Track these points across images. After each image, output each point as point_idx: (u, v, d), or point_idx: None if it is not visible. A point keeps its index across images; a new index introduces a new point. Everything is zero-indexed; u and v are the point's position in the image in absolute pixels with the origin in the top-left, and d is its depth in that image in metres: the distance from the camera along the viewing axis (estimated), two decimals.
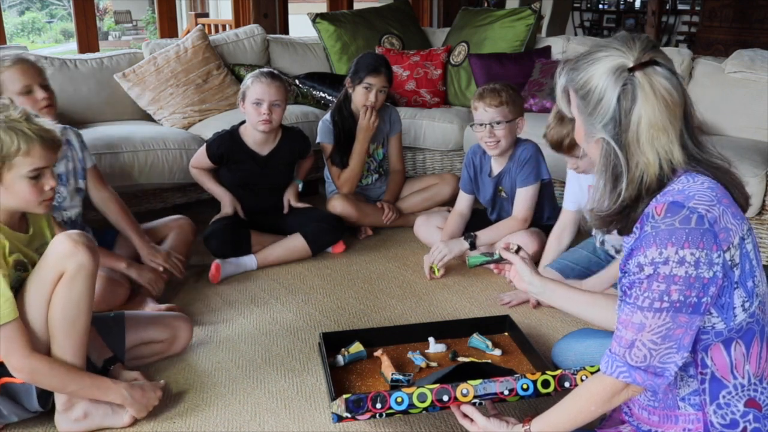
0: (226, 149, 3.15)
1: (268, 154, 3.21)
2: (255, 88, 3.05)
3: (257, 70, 3.16)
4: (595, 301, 1.74)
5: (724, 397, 1.33)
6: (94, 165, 2.76)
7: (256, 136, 3.16)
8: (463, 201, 3.17)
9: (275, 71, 3.24)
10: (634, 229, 1.35)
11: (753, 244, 1.33)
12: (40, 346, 1.80)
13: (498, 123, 2.85)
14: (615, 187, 1.36)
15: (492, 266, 1.98)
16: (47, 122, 1.86)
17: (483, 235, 2.95)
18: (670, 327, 1.27)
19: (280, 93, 3.08)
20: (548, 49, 4.32)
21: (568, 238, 2.78)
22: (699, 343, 1.32)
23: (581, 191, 2.63)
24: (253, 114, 3.07)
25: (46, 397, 1.87)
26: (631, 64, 1.32)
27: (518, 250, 1.88)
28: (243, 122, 3.22)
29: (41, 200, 1.84)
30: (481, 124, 2.88)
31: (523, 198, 2.95)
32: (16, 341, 1.73)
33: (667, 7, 10.17)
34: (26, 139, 1.75)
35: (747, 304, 1.29)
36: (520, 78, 4.08)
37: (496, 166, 3.04)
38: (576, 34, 10.91)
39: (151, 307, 2.58)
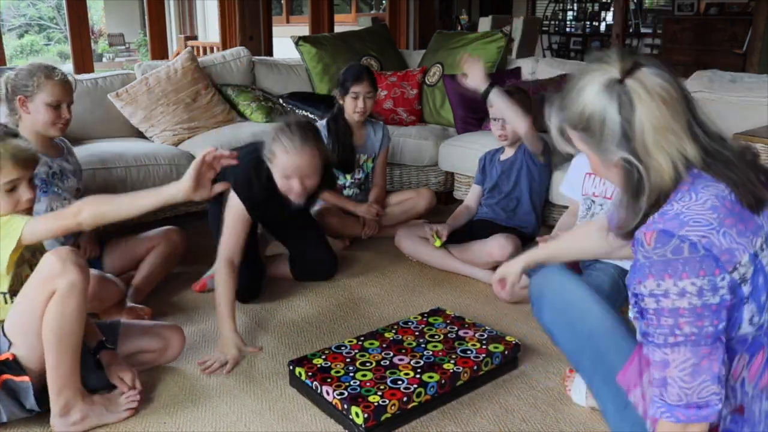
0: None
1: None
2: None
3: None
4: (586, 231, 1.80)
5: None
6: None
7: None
8: (473, 194, 3.39)
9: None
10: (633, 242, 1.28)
11: None
12: (35, 359, 1.79)
13: (506, 120, 3.12)
14: (637, 202, 1.27)
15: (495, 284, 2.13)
16: (22, 142, 1.92)
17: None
18: (694, 362, 1.19)
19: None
20: (518, 70, 4.36)
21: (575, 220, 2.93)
22: None
23: (579, 180, 2.85)
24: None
25: (43, 398, 1.84)
26: (618, 75, 1.25)
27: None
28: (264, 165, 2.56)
29: (17, 211, 1.88)
30: (494, 119, 3.17)
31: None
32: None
33: (631, 31, 10.31)
34: None
35: (756, 318, 1.21)
36: None
37: (505, 155, 3.29)
38: (545, 56, 11.02)
39: (129, 307, 2.58)
